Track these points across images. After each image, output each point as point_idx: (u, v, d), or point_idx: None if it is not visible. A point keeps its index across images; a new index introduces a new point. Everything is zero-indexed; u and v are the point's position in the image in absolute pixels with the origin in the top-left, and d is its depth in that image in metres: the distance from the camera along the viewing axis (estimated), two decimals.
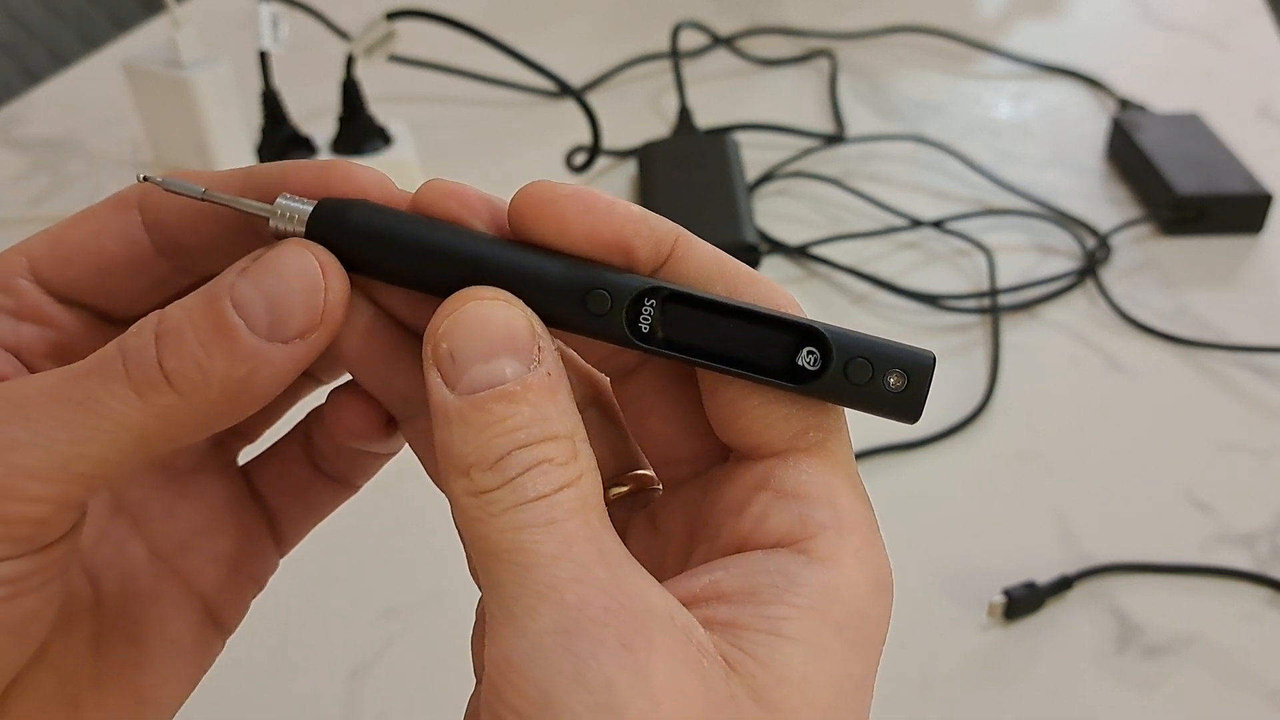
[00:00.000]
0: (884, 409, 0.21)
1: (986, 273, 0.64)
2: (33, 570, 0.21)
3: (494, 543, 0.19)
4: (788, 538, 0.21)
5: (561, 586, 0.19)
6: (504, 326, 0.20)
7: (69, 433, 0.20)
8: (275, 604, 0.46)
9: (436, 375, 0.20)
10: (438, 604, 0.46)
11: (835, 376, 0.21)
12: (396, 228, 0.22)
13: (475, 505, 0.20)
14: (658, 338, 0.22)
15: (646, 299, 0.22)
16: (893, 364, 0.21)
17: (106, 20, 1.27)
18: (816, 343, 0.21)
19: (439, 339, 0.20)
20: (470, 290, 0.21)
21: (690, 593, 0.21)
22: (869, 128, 0.81)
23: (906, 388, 0.21)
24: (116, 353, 0.20)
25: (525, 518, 0.19)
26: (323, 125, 0.72)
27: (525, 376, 0.20)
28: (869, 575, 0.21)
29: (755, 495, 0.21)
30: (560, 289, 0.21)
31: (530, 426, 0.20)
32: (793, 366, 0.21)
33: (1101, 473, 0.51)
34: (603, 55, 0.92)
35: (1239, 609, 0.45)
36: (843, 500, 0.21)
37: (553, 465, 0.20)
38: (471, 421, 0.20)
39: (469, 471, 0.20)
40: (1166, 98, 0.82)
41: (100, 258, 0.24)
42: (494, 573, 0.19)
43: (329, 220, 0.22)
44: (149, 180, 0.23)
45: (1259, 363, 0.57)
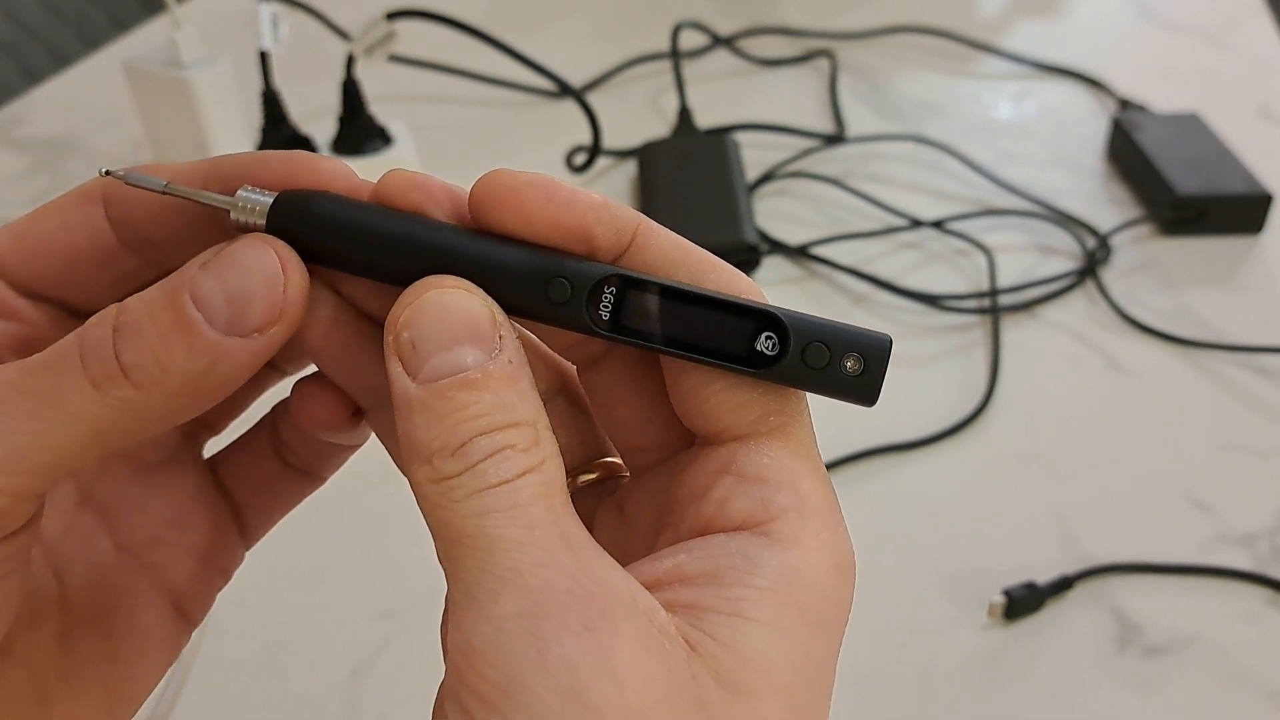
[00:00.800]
0: (841, 392, 0.22)
1: (986, 273, 0.64)
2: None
3: (456, 528, 0.19)
4: (750, 521, 0.21)
5: (524, 570, 0.19)
6: (465, 315, 0.21)
7: (27, 424, 0.20)
8: (275, 604, 0.47)
9: (398, 364, 0.20)
10: (436, 604, 0.46)
11: (793, 361, 0.21)
12: (357, 218, 0.22)
13: (437, 492, 0.20)
14: (619, 325, 0.22)
15: (606, 286, 0.22)
16: (850, 348, 0.22)
17: (106, 20, 1.27)
18: (774, 328, 0.22)
19: (400, 328, 0.21)
20: (430, 279, 0.21)
21: (654, 576, 0.21)
22: (869, 128, 0.81)
23: (864, 371, 0.22)
24: (74, 345, 0.20)
25: (487, 503, 0.19)
26: (323, 125, 0.72)
27: (486, 364, 0.20)
28: (830, 557, 0.21)
29: (718, 479, 0.22)
30: (521, 277, 0.22)
31: (492, 414, 0.20)
32: (752, 352, 0.22)
33: (1101, 473, 0.51)
34: (603, 55, 0.92)
35: (1239, 609, 0.45)
36: (804, 483, 0.21)
37: (515, 451, 0.20)
38: (433, 409, 0.20)
39: (431, 459, 0.20)
40: (1166, 98, 0.82)
41: (65, 252, 0.24)
42: (457, 558, 0.20)
43: (289, 212, 0.22)
44: (110, 174, 0.23)
45: (1259, 363, 0.57)
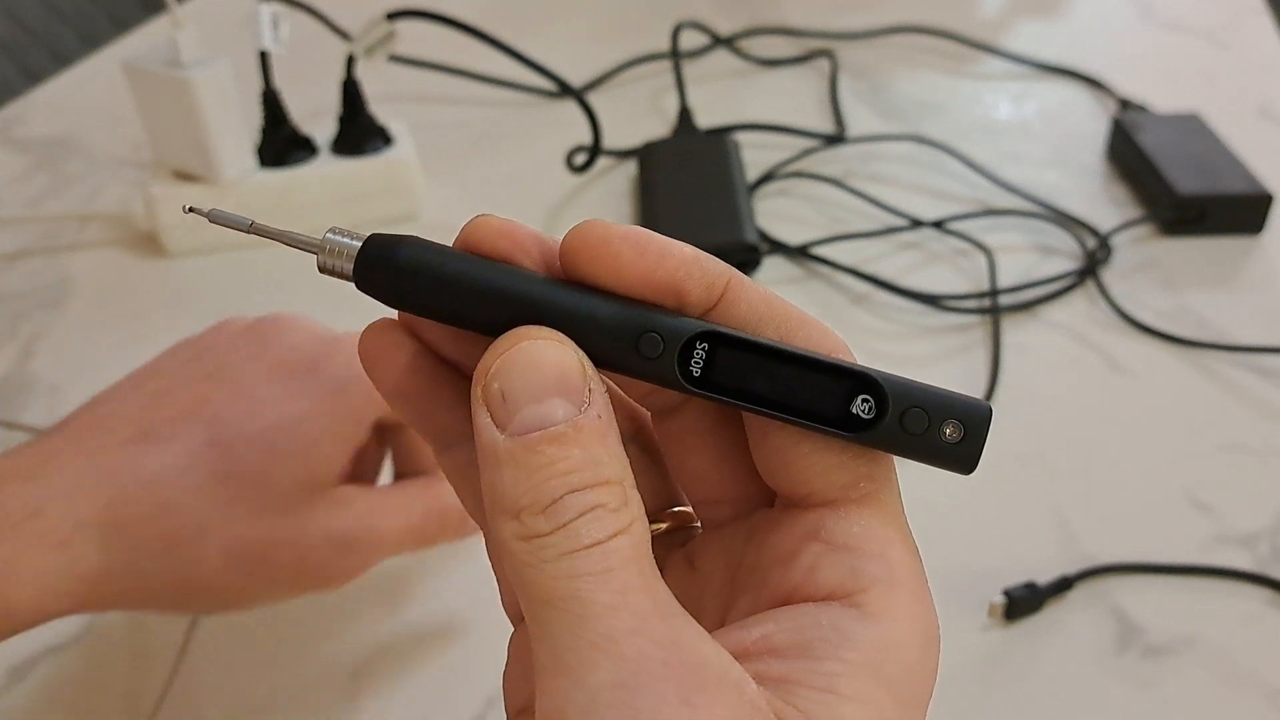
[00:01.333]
0: (939, 459, 0.21)
1: (987, 273, 0.64)
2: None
3: (547, 590, 0.19)
4: (839, 590, 0.21)
5: (619, 639, 0.18)
6: (556, 367, 0.20)
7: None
8: (275, 604, 0.46)
9: (486, 415, 0.20)
10: (437, 604, 0.46)
11: (890, 426, 0.21)
12: (445, 266, 0.22)
13: (526, 550, 0.19)
14: (710, 382, 0.21)
15: (699, 343, 0.21)
16: (949, 414, 0.21)
17: (106, 20, 1.27)
18: (871, 391, 0.21)
19: (490, 378, 0.20)
20: (522, 330, 0.21)
21: (741, 646, 0.20)
22: (869, 128, 0.81)
23: (963, 439, 0.21)
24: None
25: (580, 565, 0.19)
26: (323, 125, 0.72)
27: (577, 419, 0.20)
28: (920, 630, 0.21)
29: (805, 545, 0.21)
30: (612, 331, 0.21)
31: (583, 470, 0.20)
32: (846, 414, 0.21)
33: (1102, 473, 0.51)
34: (603, 55, 0.92)
35: (1239, 609, 0.45)
36: (894, 553, 0.21)
37: (606, 511, 0.19)
38: (523, 463, 0.19)
39: (520, 515, 0.19)
40: (1167, 98, 0.82)
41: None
42: (545, 620, 0.19)
43: (377, 257, 0.22)
44: (194, 210, 0.23)
45: (1260, 363, 0.57)
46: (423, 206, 0.74)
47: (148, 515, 0.34)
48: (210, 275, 0.68)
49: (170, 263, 0.69)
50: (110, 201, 0.76)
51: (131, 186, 0.76)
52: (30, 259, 0.70)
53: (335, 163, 0.71)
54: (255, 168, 0.69)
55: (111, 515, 0.33)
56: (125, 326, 0.64)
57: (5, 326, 0.64)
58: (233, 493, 0.35)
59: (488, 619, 0.45)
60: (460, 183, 0.77)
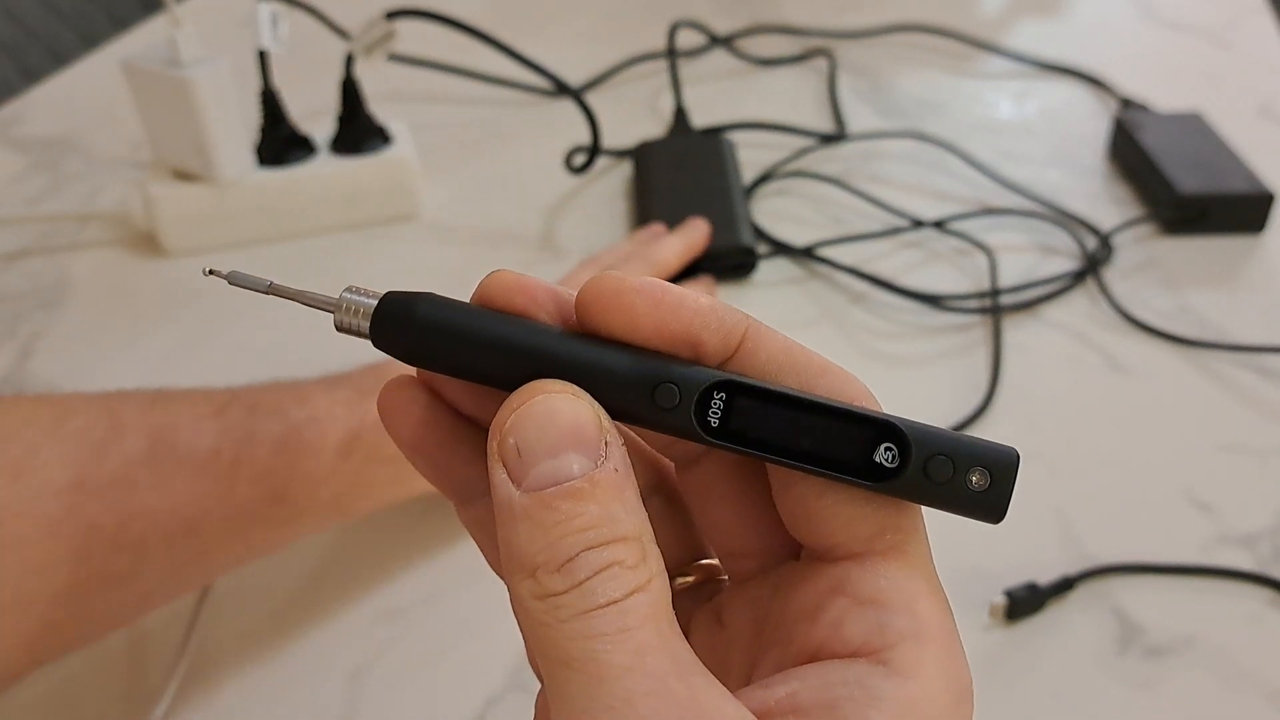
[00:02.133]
0: (965, 508, 0.21)
1: (988, 272, 0.64)
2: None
3: (563, 650, 0.19)
4: (865, 646, 0.20)
5: (635, 701, 0.18)
6: (571, 421, 0.20)
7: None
8: (275, 604, 0.46)
9: (502, 471, 0.20)
10: (437, 605, 0.46)
11: (915, 475, 0.20)
12: (461, 322, 0.22)
13: (542, 609, 0.19)
14: (728, 431, 0.21)
15: (716, 393, 0.21)
16: (975, 462, 0.20)
17: (105, 19, 1.27)
18: (895, 439, 0.21)
19: (505, 434, 0.20)
20: (537, 384, 0.21)
21: (765, 705, 0.20)
22: (870, 127, 0.81)
23: (990, 486, 0.20)
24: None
25: (596, 625, 0.19)
26: (322, 124, 0.72)
27: (593, 473, 0.20)
28: (950, 687, 0.20)
29: (831, 600, 0.21)
30: (628, 383, 0.21)
31: (599, 526, 0.19)
32: (869, 463, 0.21)
33: (1103, 473, 0.51)
34: (602, 55, 0.92)
35: (1240, 610, 0.45)
36: (922, 607, 0.21)
37: (623, 568, 0.19)
38: (538, 520, 0.19)
39: (535, 573, 0.19)
40: (1168, 97, 0.82)
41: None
42: (561, 681, 0.19)
43: (393, 315, 0.22)
44: (214, 273, 0.24)
45: (1260, 363, 0.57)
46: (421, 205, 0.73)
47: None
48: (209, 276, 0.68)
49: (169, 262, 0.69)
50: (109, 201, 0.76)
51: (131, 186, 0.76)
52: (29, 259, 0.70)
53: (334, 162, 0.70)
54: (254, 167, 0.69)
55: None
56: (124, 326, 0.64)
57: (4, 326, 0.64)
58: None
59: (488, 619, 0.45)
60: (459, 182, 0.77)
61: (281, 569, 0.48)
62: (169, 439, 0.38)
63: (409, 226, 0.72)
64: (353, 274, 0.68)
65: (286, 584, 0.47)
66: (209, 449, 0.39)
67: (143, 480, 0.37)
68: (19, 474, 0.35)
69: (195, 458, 0.38)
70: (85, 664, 0.44)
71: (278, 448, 0.40)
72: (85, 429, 0.37)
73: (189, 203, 0.68)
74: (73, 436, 0.36)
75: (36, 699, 0.43)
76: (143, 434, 0.38)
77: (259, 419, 0.40)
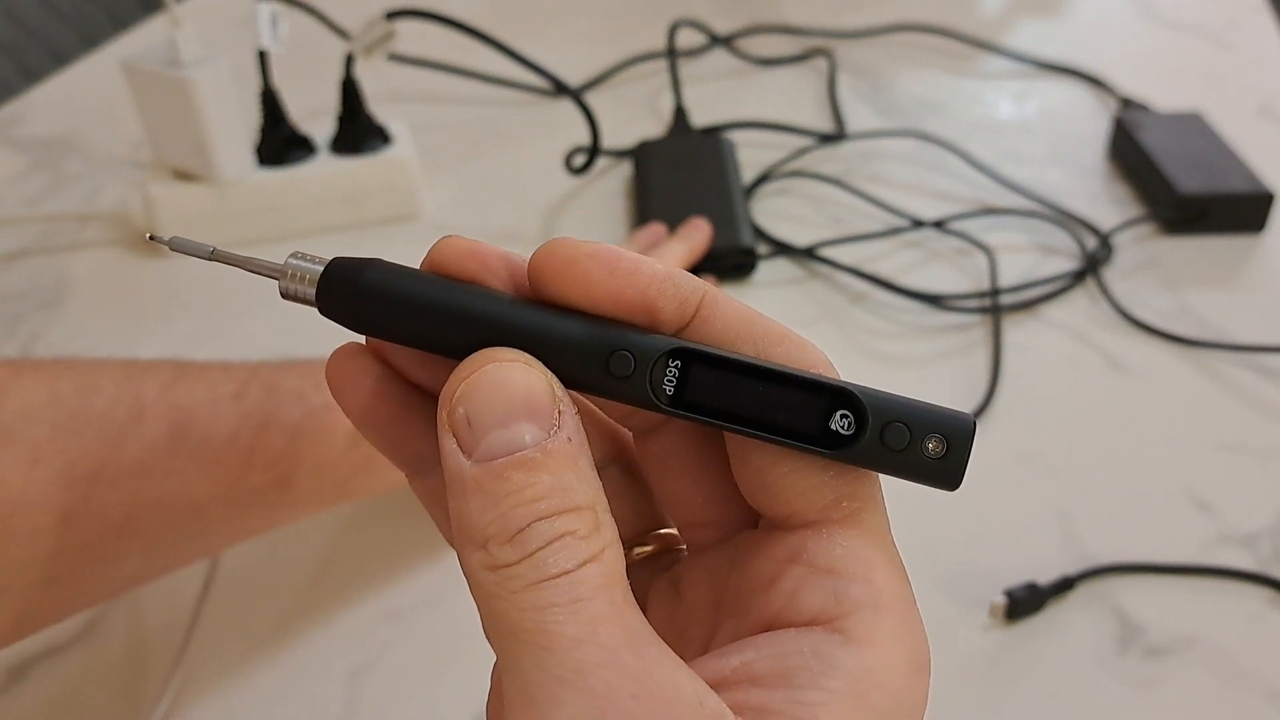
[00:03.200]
0: (922, 475, 0.21)
1: (988, 272, 0.64)
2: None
3: (513, 622, 0.18)
4: (821, 615, 0.20)
5: (587, 672, 0.18)
6: (523, 390, 0.20)
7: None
8: (275, 604, 0.46)
9: (452, 441, 0.19)
10: (437, 605, 0.46)
11: (871, 442, 0.20)
12: (410, 289, 0.21)
13: (493, 580, 0.19)
14: (683, 400, 0.21)
15: (670, 360, 0.21)
16: (931, 428, 0.20)
17: (105, 19, 1.27)
18: (850, 406, 0.20)
19: (455, 403, 0.20)
20: (488, 352, 0.20)
21: (720, 675, 0.20)
22: (870, 127, 0.81)
23: (946, 453, 0.20)
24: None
25: (548, 596, 0.18)
26: (322, 124, 0.72)
27: (545, 443, 0.19)
28: (906, 656, 0.20)
29: (787, 569, 0.21)
30: (582, 351, 0.21)
31: (551, 496, 0.19)
32: (826, 431, 0.20)
33: (1103, 472, 0.51)
34: (602, 55, 0.92)
35: (1240, 609, 0.45)
36: (879, 576, 0.20)
37: (575, 538, 0.19)
38: (489, 491, 0.19)
39: (486, 544, 0.19)
40: (1168, 97, 0.82)
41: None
42: (513, 653, 0.18)
43: (340, 280, 0.21)
44: (155, 239, 0.23)
45: (1260, 362, 0.57)
46: (421, 205, 0.73)
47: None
48: (209, 275, 0.68)
49: (169, 262, 0.69)
50: (109, 201, 0.75)
51: (130, 186, 0.76)
52: (29, 259, 0.70)
53: (334, 162, 0.70)
54: (254, 167, 0.69)
55: None
56: (124, 326, 0.64)
57: (4, 326, 0.64)
58: None
59: None
60: (459, 182, 0.77)
61: (282, 569, 0.48)
62: (188, 423, 0.38)
63: (409, 226, 0.72)
64: None
65: (286, 584, 0.47)
66: (227, 435, 0.39)
67: (159, 468, 0.37)
68: (37, 460, 0.34)
69: (212, 445, 0.38)
70: (85, 664, 0.44)
71: (292, 434, 0.40)
72: (107, 411, 0.36)
73: (189, 203, 0.68)
74: (94, 420, 0.36)
75: (36, 699, 0.43)
76: (163, 419, 0.37)
77: (276, 403, 0.40)
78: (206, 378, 0.40)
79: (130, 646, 0.45)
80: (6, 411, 0.35)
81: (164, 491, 0.37)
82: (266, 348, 0.61)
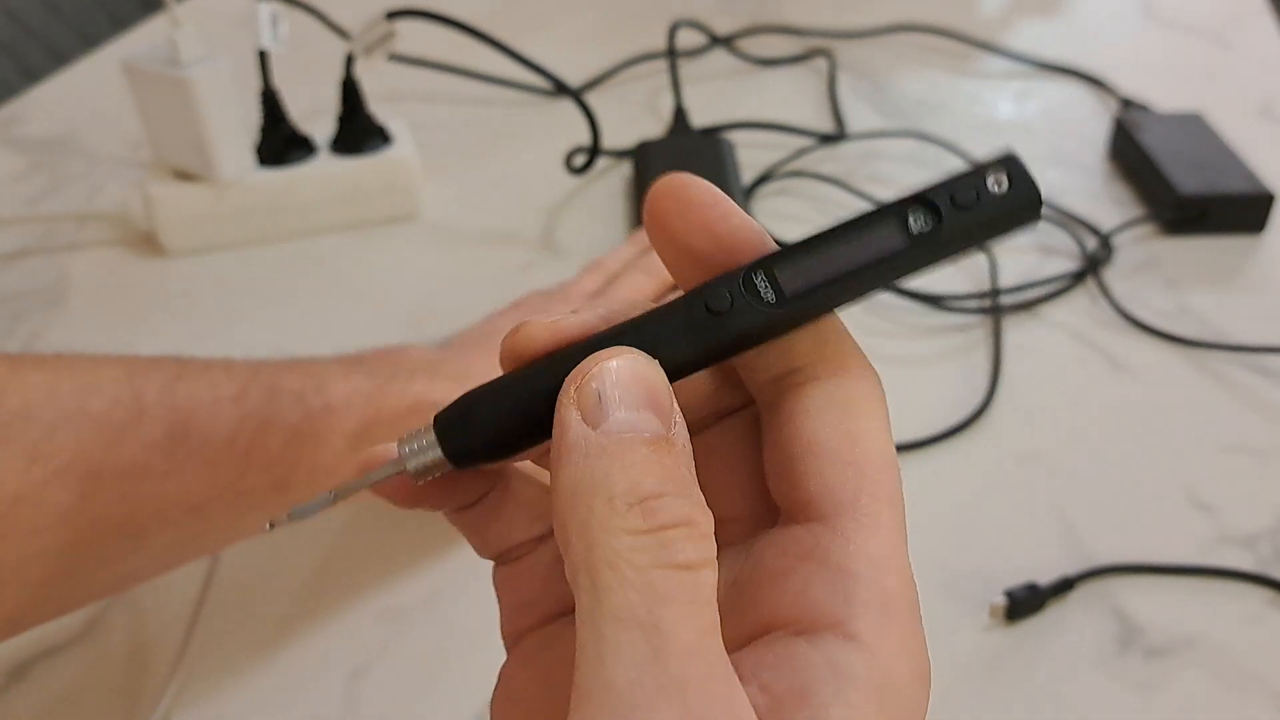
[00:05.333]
0: (1009, 217, 0.21)
1: (988, 272, 0.64)
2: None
3: (624, 605, 0.17)
4: (829, 614, 0.20)
5: (690, 690, 0.17)
6: (650, 383, 0.20)
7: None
8: (275, 604, 0.46)
9: (576, 414, 0.19)
10: (437, 605, 0.46)
11: (951, 212, 0.21)
12: (516, 396, 0.21)
13: (615, 547, 0.18)
14: (786, 299, 0.21)
15: (755, 274, 0.21)
16: (984, 170, 0.21)
17: (105, 19, 1.27)
18: (916, 203, 0.21)
19: (587, 379, 0.20)
20: (617, 348, 0.20)
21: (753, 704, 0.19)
22: (870, 127, 0.81)
23: (1010, 182, 0.21)
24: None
25: (669, 588, 0.18)
26: (322, 124, 0.72)
27: (669, 434, 0.19)
28: (914, 665, 0.20)
29: (799, 565, 0.20)
30: (678, 311, 0.21)
31: (676, 479, 0.19)
32: (914, 237, 0.21)
33: (1103, 473, 0.51)
34: (602, 55, 0.92)
35: (1241, 610, 0.45)
36: (890, 580, 0.20)
37: (698, 532, 0.18)
38: (617, 457, 0.19)
39: (611, 500, 0.18)
40: (1168, 97, 0.82)
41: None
42: (613, 639, 0.17)
43: (455, 429, 0.22)
44: (274, 526, 0.24)
45: (1261, 363, 0.57)
46: (421, 205, 0.73)
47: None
48: (209, 274, 0.68)
49: (169, 262, 0.69)
50: (109, 201, 0.75)
51: (131, 186, 0.76)
52: (29, 259, 0.70)
53: (334, 162, 0.70)
54: (254, 167, 0.69)
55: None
56: (124, 326, 0.64)
57: (4, 326, 0.64)
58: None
59: (489, 619, 0.45)
60: (459, 182, 0.77)
61: (281, 569, 0.48)
62: (187, 424, 0.38)
63: (409, 226, 0.72)
64: (353, 274, 0.68)
65: (286, 584, 0.47)
66: (226, 436, 0.39)
67: (157, 468, 0.37)
68: (34, 459, 0.35)
69: (211, 446, 0.38)
70: (85, 664, 0.44)
71: (291, 437, 0.40)
72: (107, 411, 0.37)
73: (189, 203, 0.68)
74: (93, 419, 0.36)
75: (36, 699, 0.43)
76: (162, 419, 0.38)
77: (277, 405, 0.41)
78: (208, 378, 0.40)
79: (130, 646, 0.45)
80: (5, 410, 0.35)
81: (162, 491, 0.37)
82: (266, 348, 0.61)
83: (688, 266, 0.22)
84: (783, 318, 0.21)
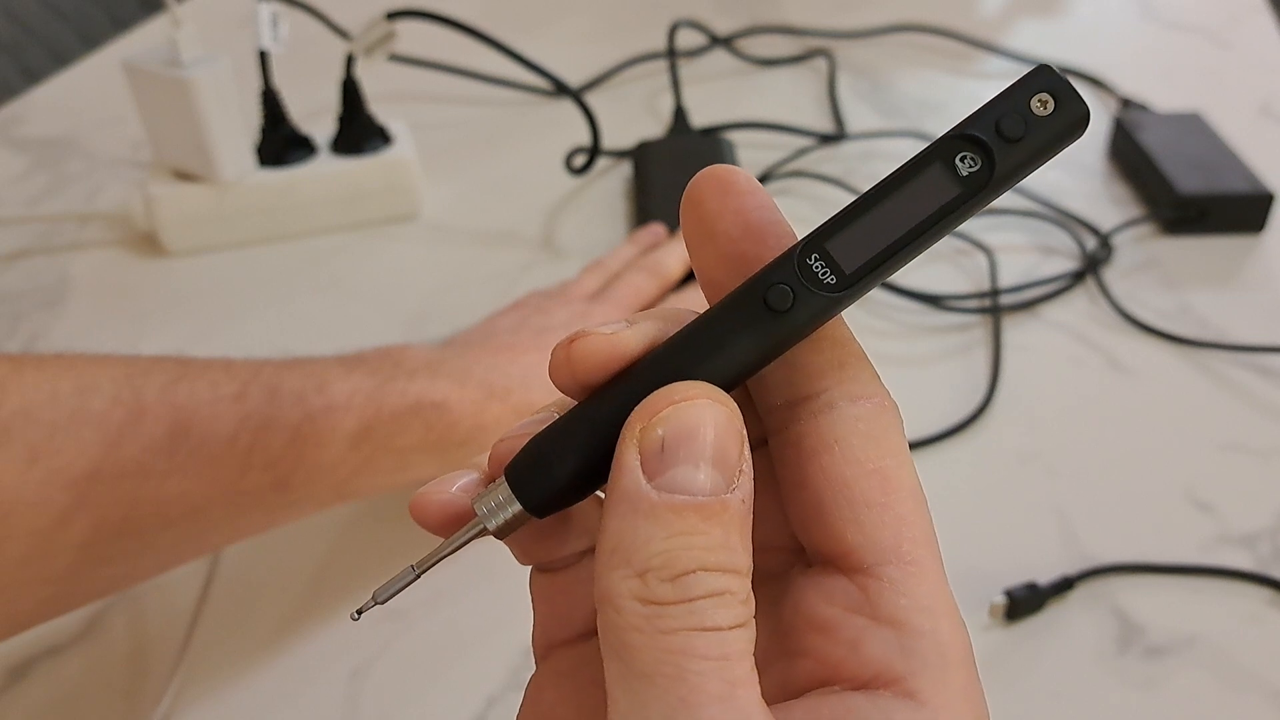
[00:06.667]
0: (1059, 134, 0.20)
1: (987, 272, 0.64)
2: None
3: (652, 662, 0.18)
4: (887, 672, 0.19)
5: None
6: (719, 436, 0.19)
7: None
8: (275, 604, 0.46)
9: (636, 457, 0.19)
10: (437, 605, 0.46)
11: (1002, 147, 0.20)
12: (583, 434, 0.21)
13: (642, 614, 0.18)
14: (847, 276, 0.20)
15: (807, 257, 0.20)
16: (1026, 95, 0.20)
17: (106, 19, 1.27)
18: (962, 143, 0.20)
19: (655, 423, 0.19)
20: (697, 385, 0.20)
21: None
22: (870, 127, 0.81)
23: (1057, 101, 0.20)
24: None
25: (698, 646, 0.18)
26: (323, 125, 0.72)
27: (726, 497, 0.19)
28: (974, 715, 0.19)
29: (848, 619, 0.20)
30: (740, 309, 0.20)
31: (719, 551, 0.18)
32: (964, 179, 0.20)
33: (1103, 473, 0.51)
34: (602, 55, 0.92)
35: (1240, 609, 0.45)
36: (944, 631, 0.20)
37: (734, 599, 0.18)
38: (663, 523, 0.18)
39: (645, 574, 0.18)
40: (1168, 97, 0.82)
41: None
42: (640, 694, 0.18)
43: (528, 480, 0.21)
44: (361, 615, 0.24)
45: (1260, 362, 0.57)
46: (421, 205, 0.74)
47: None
48: (209, 274, 0.68)
49: (170, 262, 0.69)
50: (110, 201, 0.76)
51: (131, 186, 0.76)
52: (30, 259, 0.70)
53: (334, 162, 0.70)
54: (254, 167, 0.69)
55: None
56: (125, 326, 0.64)
57: (5, 326, 0.64)
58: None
59: (489, 619, 0.45)
60: (459, 182, 0.77)
61: (282, 569, 0.48)
62: (187, 424, 0.38)
63: (409, 226, 0.72)
64: (353, 274, 0.68)
65: (286, 584, 0.48)
66: (226, 437, 0.39)
67: (157, 468, 0.37)
68: (34, 459, 0.35)
69: (211, 446, 0.38)
70: (85, 664, 0.44)
71: (292, 436, 0.40)
72: (106, 412, 0.36)
73: (189, 203, 0.68)
74: (93, 420, 0.36)
75: (36, 699, 0.43)
76: (163, 419, 0.38)
77: (277, 405, 0.40)
78: (208, 378, 0.40)
79: (130, 646, 0.45)
80: (5, 410, 0.35)
81: (162, 492, 0.37)
82: (266, 349, 0.61)
83: (710, 252, 0.21)
84: (847, 299, 0.20)
